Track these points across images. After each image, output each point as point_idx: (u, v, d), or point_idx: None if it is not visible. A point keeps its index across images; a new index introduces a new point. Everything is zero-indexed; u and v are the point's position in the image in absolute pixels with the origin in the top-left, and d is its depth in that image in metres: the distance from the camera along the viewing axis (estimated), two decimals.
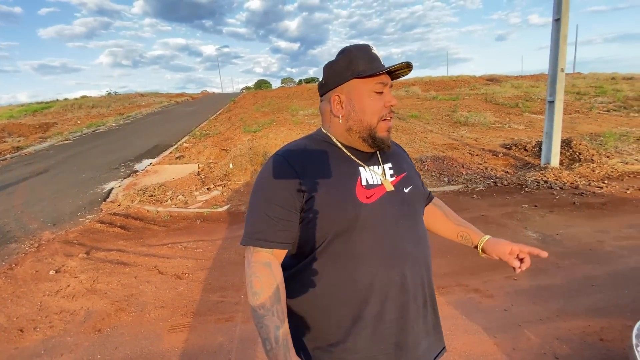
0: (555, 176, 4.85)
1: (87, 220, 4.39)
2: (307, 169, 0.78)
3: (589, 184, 4.54)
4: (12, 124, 14.98)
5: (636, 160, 5.47)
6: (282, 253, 0.80)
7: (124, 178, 6.55)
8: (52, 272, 2.93)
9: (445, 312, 2.20)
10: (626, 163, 5.33)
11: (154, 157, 8.27)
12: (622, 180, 4.71)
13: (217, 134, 10.63)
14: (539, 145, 6.08)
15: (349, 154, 0.84)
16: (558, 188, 4.49)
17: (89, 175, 6.93)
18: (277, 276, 0.76)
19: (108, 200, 5.27)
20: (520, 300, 2.28)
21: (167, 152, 8.74)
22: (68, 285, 2.71)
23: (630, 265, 2.58)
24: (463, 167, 5.75)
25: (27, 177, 6.97)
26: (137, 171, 7.07)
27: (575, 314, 2.10)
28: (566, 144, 5.99)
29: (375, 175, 0.83)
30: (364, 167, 0.83)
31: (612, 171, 5.04)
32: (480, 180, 5.07)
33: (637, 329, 1.48)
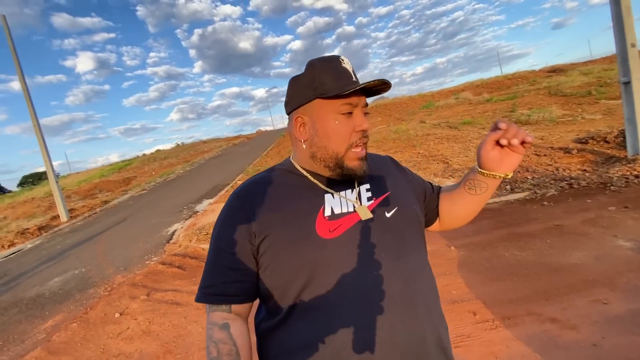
0: None
1: (152, 263, 4.78)
2: (262, 206, 0.68)
3: None
4: (103, 181, 17.62)
5: None
6: (244, 308, 0.69)
7: (186, 219, 7.11)
8: (117, 315, 3.19)
9: (514, 350, 1.82)
10: None
11: (212, 197, 8.91)
12: None
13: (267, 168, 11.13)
14: (622, 134, 5.12)
15: (315, 180, 0.72)
16: None
17: (158, 219, 7.68)
18: (238, 339, 0.64)
19: (171, 241, 5.73)
20: (613, 331, 1.79)
21: (223, 191, 9.36)
22: (128, 328, 2.91)
23: None
24: (528, 170, 5.07)
25: (110, 227, 7.99)
26: (197, 212, 7.64)
27: None
28: None
29: (346, 202, 0.70)
30: (332, 194, 0.71)
31: None
32: (551, 184, 4.39)
33: None
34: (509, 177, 0.71)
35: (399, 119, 15.04)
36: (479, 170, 0.73)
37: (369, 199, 0.73)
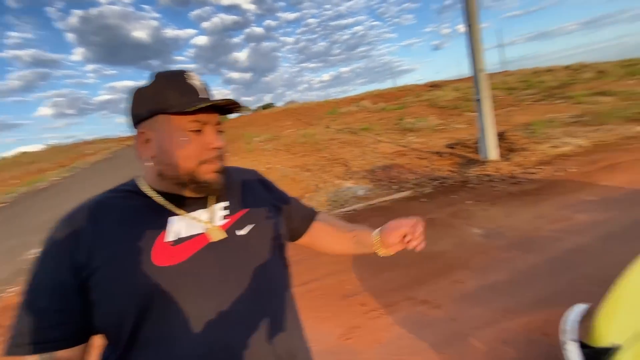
0: (495, 169, 5.04)
1: (8, 295, 3.81)
2: (92, 235, 0.59)
3: (524, 172, 4.76)
4: None
5: (563, 143, 5.87)
6: (74, 351, 0.59)
7: None
8: None
9: (393, 334, 2.06)
10: (555, 147, 5.70)
11: None
12: (553, 163, 5.00)
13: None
14: (478, 141, 6.36)
15: (162, 201, 0.66)
16: (498, 180, 4.65)
17: (19, 240, 6.18)
18: None
19: None
20: (466, 305, 2.20)
21: None
22: None
23: (565, 248, 2.63)
24: (411, 172, 5.84)
25: None
26: None
27: (520, 310, 2.05)
28: (501, 136, 6.32)
29: (195, 224, 0.66)
30: (180, 216, 0.66)
31: (543, 156, 5.35)
32: (428, 183, 5.15)
33: (563, 323, 1.42)
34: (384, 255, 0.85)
35: (307, 123, 15.56)
36: (375, 237, 0.82)
37: (225, 217, 0.71)
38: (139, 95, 0.66)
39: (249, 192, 0.79)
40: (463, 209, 3.90)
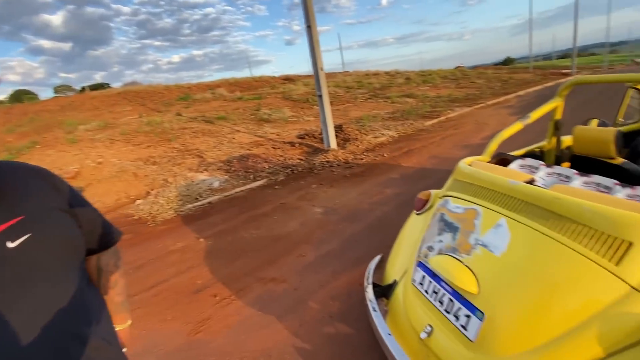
0: (334, 156, 5.88)
1: None
2: None
3: (355, 158, 5.76)
4: None
5: (381, 134, 7.38)
6: None
7: None
8: None
9: (244, 316, 2.19)
10: (376, 137, 7.11)
11: None
12: (375, 150, 6.24)
13: None
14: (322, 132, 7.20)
15: None
16: (336, 165, 5.45)
17: None
18: None
19: None
20: (307, 275, 2.55)
21: None
22: None
23: (377, 216, 3.40)
24: (266, 161, 6.09)
25: None
26: None
27: (345, 270, 2.54)
28: (339, 128, 7.37)
29: None
30: None
31: (368, 145, 6.60)
32: (281, 171, 5.51)
33: (366, 272, 1.88)
34: None
35: (154, 110, 13.67)
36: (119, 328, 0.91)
37: None
38: None
39: (27, 195, 0.68)
40: (309, 192, 4.40)
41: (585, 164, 1.89)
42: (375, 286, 1.71)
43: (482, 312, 1.12)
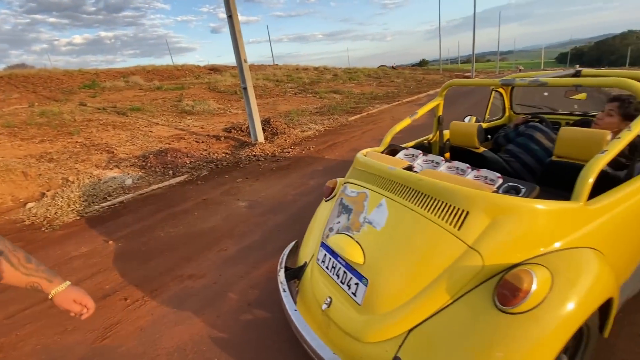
0: (261, 150, 5.86)
1: None
2: None
3: (282, 151, 5.83)
4: None
5: (308, 128, 7.59)
6: None
7: None
8: None
9: (157, 315, 2.11)
10: (303, 131, 7.28)
11: None
12: (302, 144, 6.40)
13: None
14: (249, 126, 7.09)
15: None
16: (263, 159, 5.46)
17: None
18: None
19: None
20: (227, 268, 2.56)
21: None
22: None
23: (300, 206, 3.54)
24: (187, 156, 5.78)
25: None
26: None
27: (265, 260, 2.61)
28: (267, 122, 7.35)
29: None
30: None
31: (296, 138, 6.73)
32: (204, 166, 5.30)
33: (282, 257, 1.98)
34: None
35: (49, 98, 11.71)
36: (53, 293, 0.88)
37: None
38: None
39: None
40: (234, 187, 4.34)
41: (459, 153, 2.27)
42: (287, 269, 1.82)
43: (367, 279, 1.30)
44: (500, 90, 2.67)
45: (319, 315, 1.49)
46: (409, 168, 1.57)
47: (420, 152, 1.84)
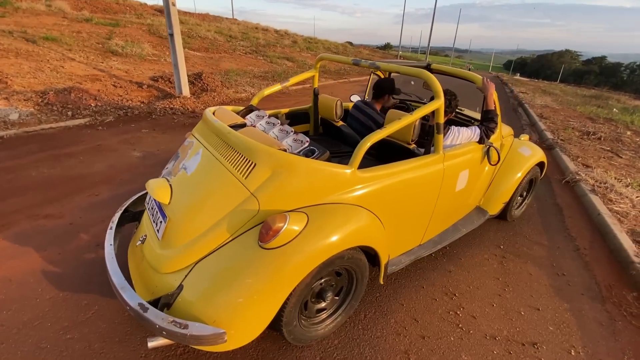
0: (181, 104, 5.61)
1: None
2: None
3: (205, 108, 5.65)
4: None
5: (244, 90, 7.39)
6: None
7: None
8: None
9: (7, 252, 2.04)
10: (237, 92, 7.08)
11: None
12: (230, 104, 6.24)
13: None
14: None
15: None
16: (180, 113, 5.25)
17: None
18: None
19: None
20: (91, 211, 2.51)
21: None
22: None
23: None
24: (95, 99, 5.32)
25: None
26: None
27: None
28: (198, 76, 6.99)
29: None
30: None
31: (226, 98, 6.54)
32: (111, 112, 4.94)
33: (129, 200, 2.01)
34: None
35: None
36: None
37: None
38: None
39: None
40: (135, 137, 4.15)
41: (326, 124, 2.46)
42: (127, 211, 1.87)
43: (167, 217, 1.42)
44: (379, 73, 2.88)
45: (136, 250, 1.59)
46: (242, 125, 1.68)
47: (265, 114, 1.96)
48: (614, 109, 12.48)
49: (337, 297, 1.63)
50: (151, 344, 1.23)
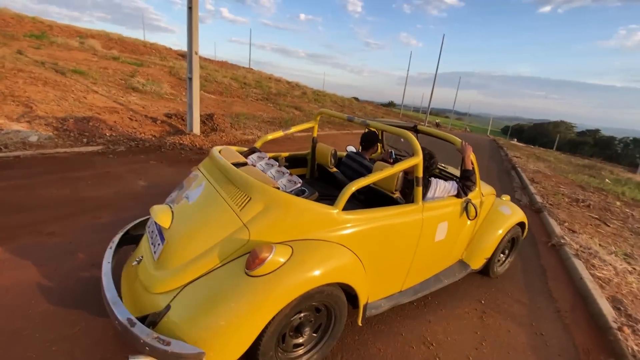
0: (190, 140, 5.95)
1: None
2: None
3: (212, 146, 5.98)
4: None
5: (251, 133, 7.83)
6: None
7: None
8: None
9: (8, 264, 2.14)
10: (244, 134, 7.50)
11: None
12: (237, 145, 6.60)
13: None
14: None
15: None
16: (188, 149, 5.56)
17: None
18: None
19: None
20: (92, 233, 2.63)
21: None
22: None
23: None
24: (111, 129, 5.68)
25: None
26: None
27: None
28: (210, 117, 7.47)
29: None
30: None
31: (233, 139, 6.92)
32: (124, 142, 5.25)
33: (131, 223, 2.15)
34: None
35: None
36: None
37: None
38: None
39: None
40: (143, 167, 4.39)
41: (322, 170, 2.68)
42: (127, 234, 2.01)
43: (165, 240, 1.56)
44: (375, 131, 3.19)
45: (131, 269, 1.70)
46: (243, 164, 1.89)
47: (266, 155, 2.18)
48: (606, 180, 12.91)
49: (315, 334, 1.69)
50: None
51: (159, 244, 1.59)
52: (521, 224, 2.94)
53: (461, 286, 2.71)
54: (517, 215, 2.86)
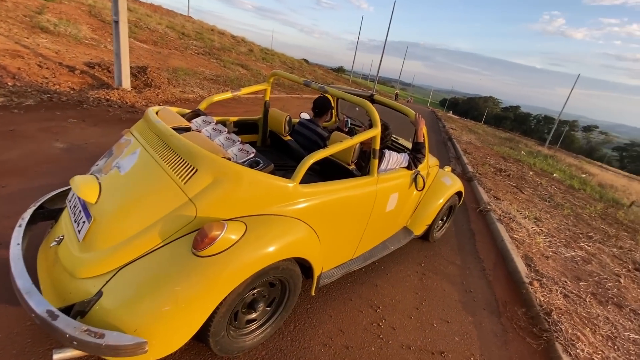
0: (119, 96, 5.20)
1: None
2: None
3: (146, 105, 5.31)
4: None
5: (192, 91, 7.12)
6: None
7: None
8: None
9: None
10: (183, 92, 6.79)
11: None
12: (175, 104, 5.95)
13: None
14: None
15: None
16: (117, 107, 4.85)
17: None
18: None
19: None
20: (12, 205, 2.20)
21: None
22: None
23: None
24: (14, 78, 4.67)
25: None
26: None
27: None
28: (142, 70, 6.56)
29: None
30: None
31: (171, 97, 6.22)
32: (33, 95, 4.38)
33: (46, 195, 1.82)
34: None
35: None
36: None
37: None
38: None
39: None
40: (60, 125, 3.73)
41: (275, 137, 2.53)
42: (42, 208, 1.69)
43: (92, 217, 1.33)
44: (329, 97, 3.08)
45: (50, 251, 1.45)
46: (186, 129, 1.67)
47: (212, 120, 1.97)
48: (522, 152, 14.71)
49: (268, 308, 1.66)
50: (57, 356, 1.13)
51: (84, 222, 1.36)
52: (458, 193, 3.18)
53: (404, 251, 2.89)
54: (456, 185, 3.08)
